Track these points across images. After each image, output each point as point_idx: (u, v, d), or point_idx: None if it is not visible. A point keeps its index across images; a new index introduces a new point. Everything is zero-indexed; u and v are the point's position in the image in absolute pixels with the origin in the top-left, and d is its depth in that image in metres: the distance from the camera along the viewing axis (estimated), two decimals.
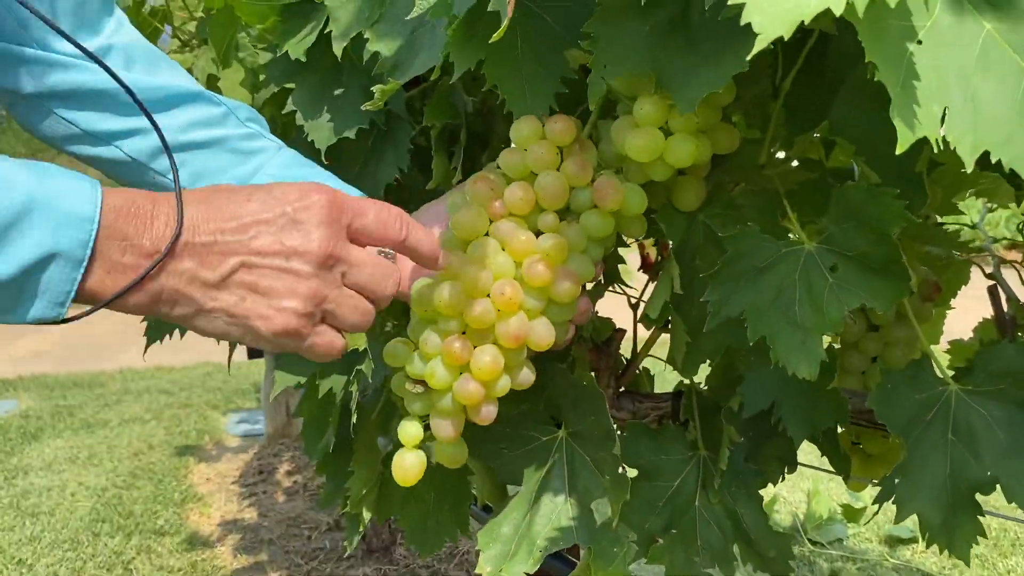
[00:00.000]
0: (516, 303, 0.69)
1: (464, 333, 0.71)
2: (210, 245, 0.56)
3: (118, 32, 0.78)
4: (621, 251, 0.91)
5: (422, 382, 0.73)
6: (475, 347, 0.70)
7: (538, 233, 0.73)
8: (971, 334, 1.08)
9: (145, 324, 1.06)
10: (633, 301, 0.96)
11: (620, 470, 0.75)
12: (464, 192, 0.76)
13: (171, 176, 0.76)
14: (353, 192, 0.81)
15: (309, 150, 0.86)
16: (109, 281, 0.53)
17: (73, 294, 0.52)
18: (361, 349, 0.85)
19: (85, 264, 0.52)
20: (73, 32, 0.74)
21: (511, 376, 0.73)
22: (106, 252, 0.53)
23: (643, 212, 0.74)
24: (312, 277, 0.58)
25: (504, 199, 0.72)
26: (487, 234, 0.73)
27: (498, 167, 0.75)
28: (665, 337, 0.90)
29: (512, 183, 0.72)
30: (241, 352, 2.47)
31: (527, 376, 0.75)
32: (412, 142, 0.90)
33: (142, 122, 0.77)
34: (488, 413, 0.74)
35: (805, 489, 3.30)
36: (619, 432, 0.78)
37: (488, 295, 0.69)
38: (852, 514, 3.08)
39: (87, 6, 0.75)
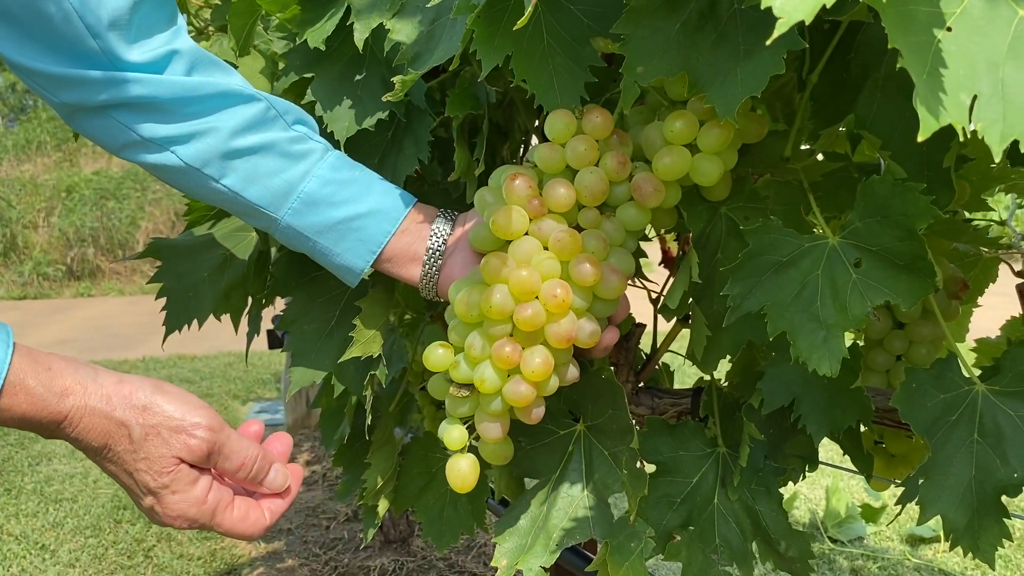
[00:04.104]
0: (567, 304, 0.68)
1: (512, 335, 0.70)
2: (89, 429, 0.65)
3: (179, 36, 0.79)
4: (642, 245, 0.90)
5: (468, 386, 0.73)
6: (524, 349, 0.70)
7: (577, 228, 0.72)
8: (998, 332, 1.06)
9: (166, 312, 1.06)
10: (653, 296, 0.95)
11: (638, 465, 0.75)
12: (492, 189, 0.75)
13: (226, 181, 0.79)
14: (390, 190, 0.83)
15: (328, 141, 0.86)
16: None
17: None
18: (376, 356, 0.85)
19: None
20: (135, 42, 0.75)
21: (559, 375, 0.73)
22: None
23: (676, 204, 0.73)
24: (145, 496, 0.68)
25: (545, 197, 0.71)
26: (526, 233, 0.72)
27: (529, 161, 0.74)
28: (685, 332, 0.89)
29: (552, 180, 0.71)
30: (261, 342, 2.48)
31: (573, 374, 0.75)
32: (432, 133, 0.89)
33: (197, 126, 0.78)
34: (538, 414, 0.73)
35: (825, 486, 3.27)
36: (638, 427, 0.77)
37: (537, 297, 0.69)
38: (871, 513, 3.05)
39: (155, 14, 0.77)
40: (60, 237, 11.39)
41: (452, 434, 0.75)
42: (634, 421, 0.77)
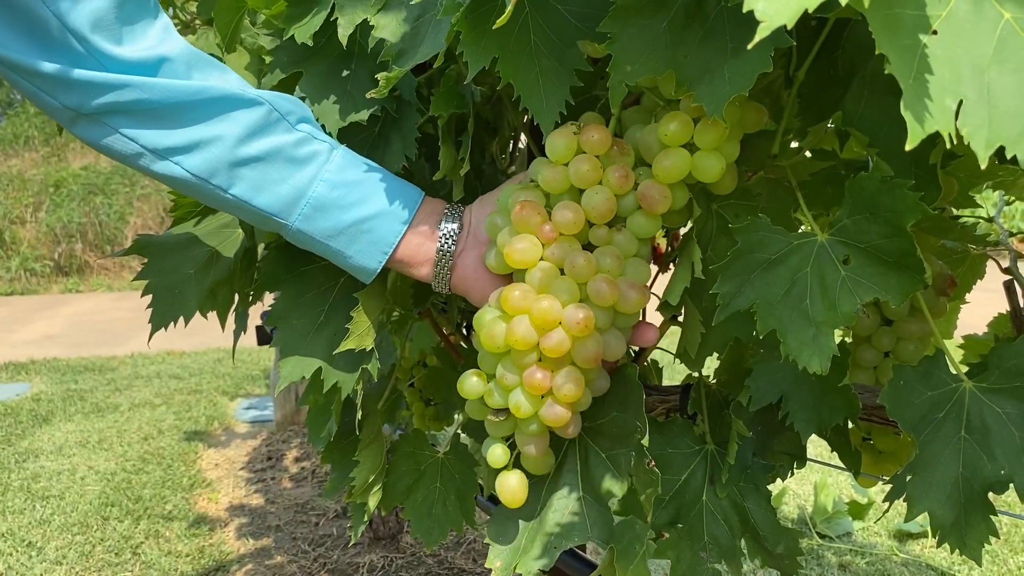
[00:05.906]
0: (591, 327, 0.69)
1: (540, 360, 0.71)
2: None
3: (169, 39, 0.77)
4: None
5: (504, 410, 0.74)
6: (554, 373, 0.70)
7: (588, 246, 0.73)
8: (985, 328, 1.06)
9: (151, 310, 1.05)
10: None
11: (648, 464, 0.74)
12: (502, 211, 0.75)
13: (234, 191, 0.77)
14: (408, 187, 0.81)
15: None
16: None
17: None
18: (368, 349, 0.84)
19: None
20: (124, 42, 0.73)
21: (591, 389, 0.74)
22: None
23: (685, 204, 0.73)
24: None
25: (555, 222, 0.71)
26: (541, 258, 0.72)
27: (532, 181, 0.74)
28: (673, 328, 0.89)
29: (560, 205, 0.71)
30: (251, 338, 2.47)
31: (604, 384, 0.75)
32: (419, 130, 0.89)
33: (199, 134, 0.75)
34: (575, 428, 0.74)
35: (813, 482, 3.28)
36: None
37: (560, 323, 0.69)
38: (858, 510, 3.06)
39: (139, 12, 0.75)
40: (48, 232, 11.33)
41: (495, 453, 0.76)
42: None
